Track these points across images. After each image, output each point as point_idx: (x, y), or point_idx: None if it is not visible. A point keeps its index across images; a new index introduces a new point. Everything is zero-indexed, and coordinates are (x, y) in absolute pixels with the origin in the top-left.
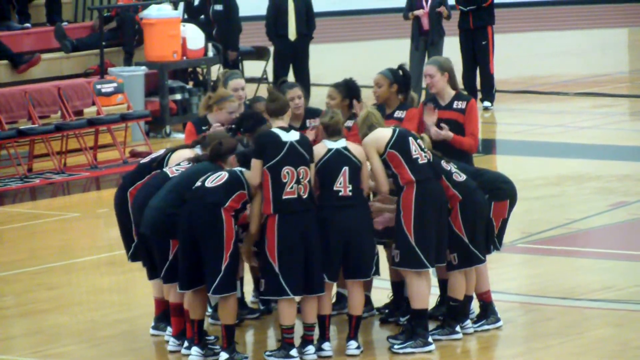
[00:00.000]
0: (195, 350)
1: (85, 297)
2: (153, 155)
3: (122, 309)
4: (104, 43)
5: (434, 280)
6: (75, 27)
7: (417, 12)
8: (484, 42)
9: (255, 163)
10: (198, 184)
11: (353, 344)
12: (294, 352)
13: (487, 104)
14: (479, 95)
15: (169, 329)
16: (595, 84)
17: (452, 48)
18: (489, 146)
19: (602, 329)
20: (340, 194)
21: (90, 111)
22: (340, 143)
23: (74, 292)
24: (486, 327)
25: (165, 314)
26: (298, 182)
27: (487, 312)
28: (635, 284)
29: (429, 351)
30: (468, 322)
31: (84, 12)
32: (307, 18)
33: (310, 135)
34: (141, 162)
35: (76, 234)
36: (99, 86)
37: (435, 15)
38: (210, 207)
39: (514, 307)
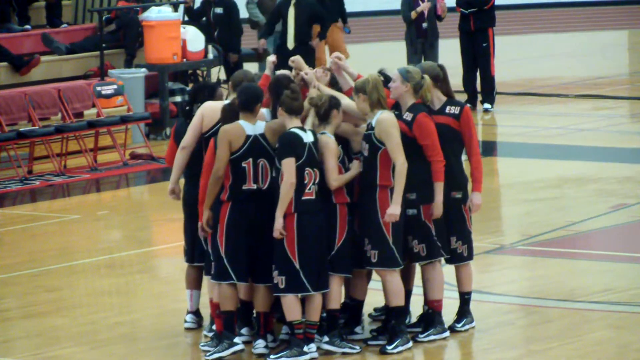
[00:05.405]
0: (260, 341)
1: (85, 300)
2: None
3: (122, 312)
4: (103, 45)
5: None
6: (75, 29)
7: (419, 8)
8: (484, 45)
9: (290, 162)
10: None
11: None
12: (307, 347)
13: (487, 106)
14: (479, 97)
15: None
16: (595, 86)
17: (452, 50)
18: (489, 148)
19: (603, 331)
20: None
21: (90, 113)
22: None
23: (73, 295)
24: (433, 337)
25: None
26: (315, 183)
27: (435, 321)
28: (635, 286)
29: (410, 347)
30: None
31: (84, 14)
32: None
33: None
34: None
35: (76, 236)
36: (99, 88)
37: (432, 14)
38: None
39: (514, 309)
